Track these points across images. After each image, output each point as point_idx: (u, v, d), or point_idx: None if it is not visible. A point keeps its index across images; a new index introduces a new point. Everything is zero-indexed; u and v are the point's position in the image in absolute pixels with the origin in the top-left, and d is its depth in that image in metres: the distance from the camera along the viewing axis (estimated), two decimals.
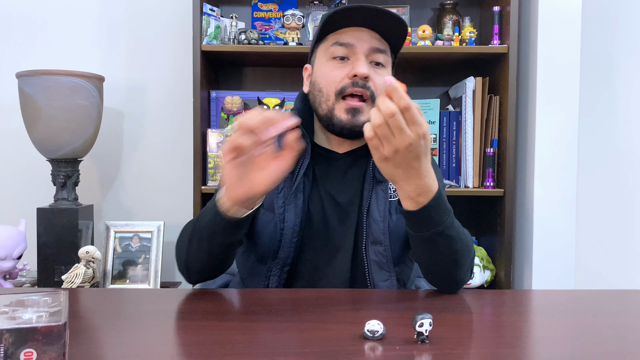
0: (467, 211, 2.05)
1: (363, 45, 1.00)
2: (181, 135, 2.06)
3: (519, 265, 1.88)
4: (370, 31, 1.01)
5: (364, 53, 1.00)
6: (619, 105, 2.10)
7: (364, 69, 0.98)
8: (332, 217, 1.06)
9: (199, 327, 0.77)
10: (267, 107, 1.90)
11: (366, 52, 1.01)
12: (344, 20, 1.00)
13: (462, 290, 0.99)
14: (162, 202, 2.09)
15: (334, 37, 1.02)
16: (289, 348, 0.68)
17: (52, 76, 1.72)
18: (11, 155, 2.08)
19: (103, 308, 0.88)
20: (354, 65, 1.00)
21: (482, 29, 2.00)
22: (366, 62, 1.00)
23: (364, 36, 1.01)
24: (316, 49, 1.08)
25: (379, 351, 0.67)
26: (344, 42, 1.01)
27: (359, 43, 1.00)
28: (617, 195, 2.11)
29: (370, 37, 1.01)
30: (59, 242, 1.76)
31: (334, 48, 1.02)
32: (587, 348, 0.71)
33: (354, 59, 1.01)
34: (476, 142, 1.83)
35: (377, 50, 1.01)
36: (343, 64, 1.02)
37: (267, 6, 2.02)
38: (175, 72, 2.07)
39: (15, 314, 0.59)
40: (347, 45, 1.01)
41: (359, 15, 0.99)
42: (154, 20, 2.07)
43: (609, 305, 0.92)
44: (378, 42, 1.02)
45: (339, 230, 1.06)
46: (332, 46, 1.02)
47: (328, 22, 1.01)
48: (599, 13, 2.08)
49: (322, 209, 1.07)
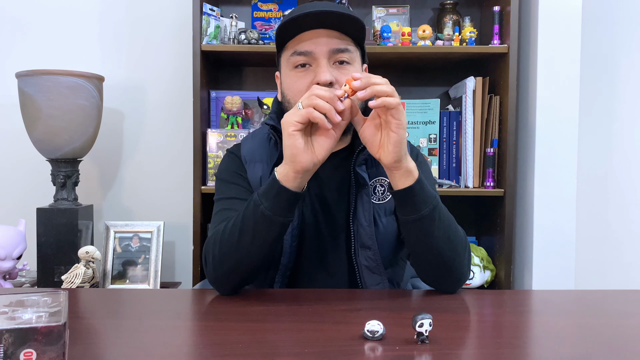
0: (467, 211, 2.05)
1: (322, 50, 0.98)
2: (181, 135, 2.06)
3: (519, 265, 1.88)
4: (328, 31, 0.99)
5: (325, 57, 0.98)
6: (618, 105, 2.10)
7: (325, 76, 0.96)
8: (322, 221, 1.06)
9: (198, 327, 0.77)
10: (267, 107, 1.90)
11: (326, 55, 0.98)
12: (298, 26, 0.98)
13: (462, 290, 0.99)
14: (162, 202, 2.09)
15: (292, 45, 1.00)
16: (289, 348, 0.68)
17: (52, 76, 1.72)
18: (11, 155, 2.08)
19: (103, 308, 0.88)
20: (316, 73, 0.98)
21: (482, 29, 2.00)
22: (327, 67, 0.98)
23: (321, 39, 0.98)
24: (279, 58, 1.06)
25: (379, 351, 0.67)
26: (302, 51, 0.99)
27: (317, 48, 0.98)
28: (617, 195, 2.11)
29: (328, 37, 0.98)
30: (59, 242, 1.76)
31: (294, 58, 1.00)
32: (587, 348, 0.71)
33: (315, 65, 0.99)
34: (476, 142, 1.83)
35: (337, 51, 0.99)
36: (305, 71, 1.00)
37: (267, 6, 2.02)
38: (175, 72, 2.07)
39: (15, 314, 0.59)
40: (305, 53, 0.99)
41: (309, 19, 0.97)
42: (154, 20, 2.07)
43: (609, 305, 0.92)
44: (337, 40, 0.99)
45: (330, 235, 1.06)
46: (291, 56, 1.00)
47: (282, 32, 1.00)
48: (599, 13, 2.08)
49: (314, 211, 1.06)
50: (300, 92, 0.98)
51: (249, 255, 0.94)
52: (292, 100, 1.02)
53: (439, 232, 0.93)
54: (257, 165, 1.08)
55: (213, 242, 0.98)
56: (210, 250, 0.98)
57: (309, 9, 0.97)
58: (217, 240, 0.97)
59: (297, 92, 1.00)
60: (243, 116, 1.91)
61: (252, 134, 1.15)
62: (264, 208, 0.90)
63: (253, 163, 1.09)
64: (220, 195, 1.10)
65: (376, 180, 1.06)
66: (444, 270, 0.96)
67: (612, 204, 2.11)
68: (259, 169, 1.08)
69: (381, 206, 1.05)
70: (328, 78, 0.97)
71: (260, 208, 0.90)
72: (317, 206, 1.07)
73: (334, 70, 0.99)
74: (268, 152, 1.08)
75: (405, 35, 1.80)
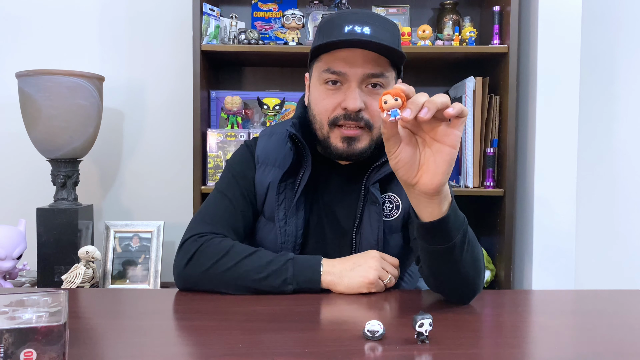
0: (467, 211, 2.03)
1: (355, 73, 0.95)
2: (181, 135, 2.06)
3: (519, 265, 1.88)
4: (365, 51, 0.95)
5: (357, 80, 0.96)
6: (618, 105, 2.10)
7: (354, 103, 0.95)
8: (329, 231, 1.06)
9: (199, 327, 0.77)
10: (267, 107, 1.90)
11: (360, 79, 0.96)
12: (335, 43, 0.95)
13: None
14: (162, 202, 2.09)
15: (327, 59, 0.98)
16: (289, 348, 0.68)
17: (52, 76, 1.72)
18: (11, 155, 2.08)
19: (103, 308, 0.88)
20: (345, 96, 0.96)
21: (482, 29, 2.00)
22: (358, 93, 0.96)
23: (357, 60, 0.95)
24: (312, 65, 1.04)
25: (379, 351, 0.67)
26: (335, 70, 0.96)
27: (351, 70, 0.95)
28: (617, 195, 2.11)
29: (364, 60, 0.95)
30: (59, 242, 1.76)
31: (325, 75, 0.98)
32: (587, 348, 0.71)
33: (347, 87, 0.97)
34: (476, 142, 1.83)
35: (372, 76, 0.96)
36: (335, 90, 0.98)
37: (267, 6, 2.02)
38: (175, 72, 2.07)
39: (15, 314, 0.59)
40: (338, 73, 0.96)
41: (348, 43, 0.94)
42: (154, 20, 2.07)
43: (609, 305, 0.92)
44: (372, 64, 0.96)
45: (335, 245, 1.05)
46: (323, 72, 0.98)
47: (319, 43, 0.97)
48: (599, 13, 2.08)
49: (320, 219, 1.06)
50: (327, 112, 0.99)
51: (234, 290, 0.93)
52: (318, 117, 1.01)
53: (466, 255, 0.84)
54: (269, 170, 1.07)
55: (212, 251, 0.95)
56: (203, 255, 0.95)
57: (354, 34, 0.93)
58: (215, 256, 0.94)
59: (323, 111, 0.99)
60: (243, 116, 1.91)
61: (271, 130, 1.12)
62: (291, 289, 0.92)
63: (265, 165, 1.07)
64: (220, 186, 1.09)
65: (385, 196, 1.04)
66: (464, 289, 0.88)
67: (612, 203, 2.11)
68: (269, 174, 1.06)
69: (387, 223, 1.03)
70: (358, 106, 0.95)
71: (289, 289, 0.92)
72: (325, 217, 1.06)
73: (364, 95, 0.97)
74: (283, 155, 1.06)
75: (405, 35, 1.80)
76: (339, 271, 0.93)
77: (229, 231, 1.02)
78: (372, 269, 0.92)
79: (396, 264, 0.97)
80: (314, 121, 1.02)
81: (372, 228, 1.01)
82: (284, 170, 1.03)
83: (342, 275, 0.92)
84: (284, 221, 1.03)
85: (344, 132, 0.98)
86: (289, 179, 1.04)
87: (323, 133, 1.01)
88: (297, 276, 0.92)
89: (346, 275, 0.92)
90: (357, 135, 0.98)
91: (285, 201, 1.03)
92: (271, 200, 1.05)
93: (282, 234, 1.03)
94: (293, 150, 1.03)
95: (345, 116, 0.97)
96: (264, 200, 1.07)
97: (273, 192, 1.04)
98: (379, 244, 1.01)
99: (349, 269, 0.93)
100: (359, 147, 0.99)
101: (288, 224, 1.03)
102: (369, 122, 0.98)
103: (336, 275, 0.92)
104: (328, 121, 0.99)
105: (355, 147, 0.99)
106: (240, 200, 1.06)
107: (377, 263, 0.93)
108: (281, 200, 1.03)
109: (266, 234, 1.06)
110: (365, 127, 0.98)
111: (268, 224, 1.06)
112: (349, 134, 0.98)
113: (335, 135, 0.99)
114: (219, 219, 1.03)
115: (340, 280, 0.92)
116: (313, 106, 1.02)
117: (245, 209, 1.06)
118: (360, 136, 0.99)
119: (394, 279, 0.95)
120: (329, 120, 0.99)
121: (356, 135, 0.98)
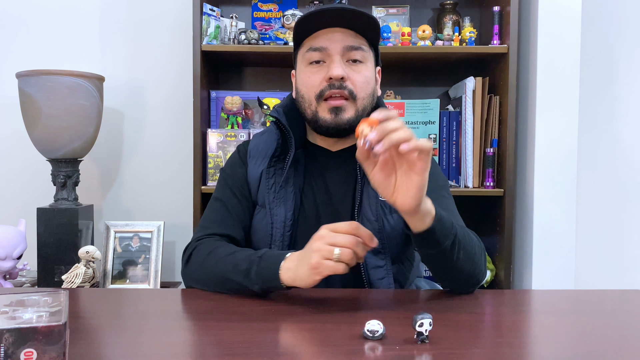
0: (467, 211, 2.04)
1: (336, 46, 1.02)
2: (181, 135, 2.06)
3: (519, 265, 1.88)
4: (344, 30, 1.02)
5: (338, 53, 1.02)
6: (619, 105, 2.10)
7: (337, 70, 1.00)
8: (324, 213, 1.07)
9: (198, 327, 0.77)
10: (267, 107, 1.90)
11: (340, 52, 1.02)
12: (315, 24, 1.02)
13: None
14: (162, 202, 2.09)
15: (308, 42, 1.04)
16: (289, 348, 0.68)
17: (52, 76, 1.72)
18: (11, 155, 2.08)
19: (103, 308, 0.88)
20: (329, 68, 1.02)
21: (482, 29, 2.00)
22: (340, 63, 1.02)
23: (336, 36, 1.02)
24: (296, 56, 1.10)
25: (379, 351, 0.67)
26: (317, 47, 1.03)
27: (332, 44, 1.02)
28: (617, 195, 2.11)
29: (343, 36, 1.02)
30: (59, 242, 1.76)
31: (309, 54, 1.04)
32: (587, 348, 0.71)
33: (329, 61, 1.02)
34: (476, 142, 1.83)
35: (351, 48, 1.02)
36: (319, 67, 1.04)
37: (267, 6, 2.02)
38: (175, 72, 2.07)
39: (16, 313, 0.59)
40: (320, 49, 1.02)
41: (326, 16, 1.01)
42: (154, 20, 2.07)
43: (609, 305, 0.92)
44: (352, 39, 1.03)
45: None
46: (307, 52, 1.04)
47: (299, 29, 1.04)
48: (599, 13, 2.08)
49: (315, 203, 1.08)
50: (314, 87, 1.03)
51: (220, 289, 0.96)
52: (306, 95, 1.05)
53: (458, 255, 0.90)
54: (260, 160, 1.11)
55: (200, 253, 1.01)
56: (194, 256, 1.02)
57: (325, 7, 0.99)
58: (201, 257, 1.00)
59: (310, 87, 1.04)
60: (243, 116, 1.92)
61: (264, 129, 1.18)
62: (257, 288, 0.90)
63: (256, 158, 1.12)
64: (215, 193, 1.14)
65: None
66: (463, 281, 0.96)
67: (612, 203, 2.11)
68: (260, 164, 1.10)
69: (387, 204, 1.04)
70: (340, 73, 1.00)
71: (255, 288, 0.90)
72: (320, 200, 1.08)
73: (346, 67, 1.02)
74: (274, 147, 1.10)
75: (405, 35, 1.81)
76: (294, 266, 0.85)
77: (224, 231, 1.07)
78: (312, 252, 0.82)
79: (352, 229, 0.83)
80: (302, 102, 1.07)
81: (371, 205, 1.03)
82: (269, 156, 1.09)
83: (297, 269, 0.85)
84: (273, 202, 1.06)
85: (331, 103, 1.03)
86: (277, 164, 1.08)
87: (312, 109, 1.05)
88: (260, 275, 0.89)
89: (299, 268, 0.84)
90: (343, 105, 1.03)
91: (275, 185, 1.07)
92: (263, 187, 1.09)
93: (271, 215, 1.05)
94: (278, 135, 1.08)
95: (330, 86, 1.02)
96: (257, 190, 1.10)
97: (264, 179, 1.08)
98: (379, 223, 1.02)
99: (300, 260, 0.85)
100: (345, 117, 1.03)
101: (277, 204, 1.05)
102: (353, 92, 1.03)
103: (292, 271, 0.85)
104: (315, 95, 1.04)
105: (342, 117, 1.03)
106: (231, 199, 1.10)
107: (318, 243, 0.82)
108: (271, 184, 1.07)
109: (259, 221, 1.09)
110: (350, 98, 1.03)
111: (261, 211, 1.08)
112: (335, 104, 1.02)
113: (322, 108, 1.04)
114: (213, 222, 1.09)
115: (296, 275, 0.85)
116: (300, 87, 1.07)
117: (237, 206, 1.10)
118: (345, 106, 1.03)
119: (348, 250, 0.81)
120: (316, 95, 1.03)
121: (342, 105, 1.03)
